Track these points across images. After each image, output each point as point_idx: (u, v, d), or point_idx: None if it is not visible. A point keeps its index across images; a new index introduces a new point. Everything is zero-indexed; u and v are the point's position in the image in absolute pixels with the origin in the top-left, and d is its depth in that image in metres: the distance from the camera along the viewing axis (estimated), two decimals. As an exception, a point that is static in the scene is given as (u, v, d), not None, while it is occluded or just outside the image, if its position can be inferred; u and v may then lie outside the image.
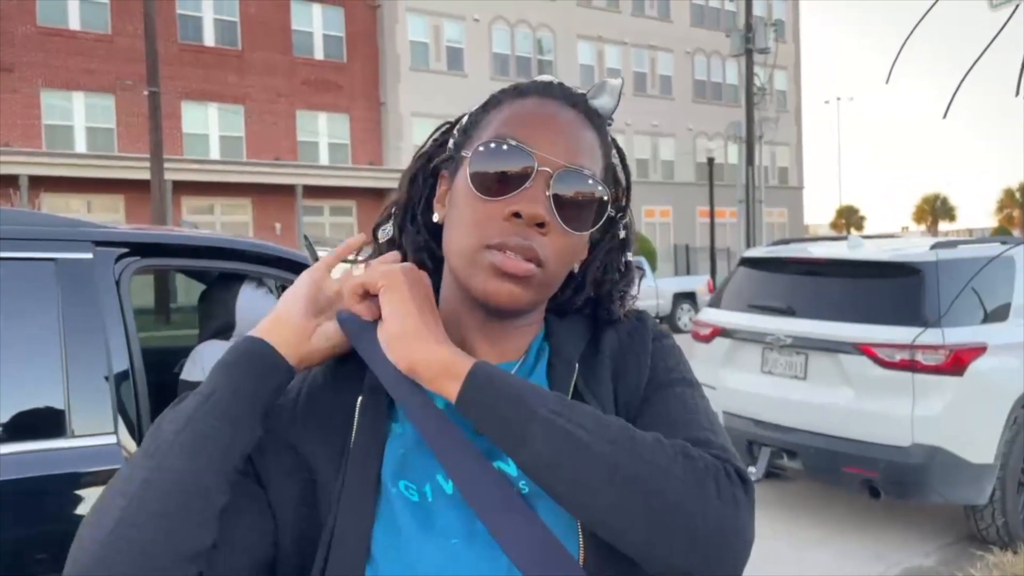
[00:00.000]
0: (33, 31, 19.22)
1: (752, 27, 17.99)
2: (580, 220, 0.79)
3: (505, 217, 0.76)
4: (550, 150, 0.78)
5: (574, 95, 0.85)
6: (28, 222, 2.27)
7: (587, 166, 0.80)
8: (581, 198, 0.79)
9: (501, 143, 0.78)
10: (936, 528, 4.81)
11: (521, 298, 0.78)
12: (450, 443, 0.74)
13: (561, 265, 0.80)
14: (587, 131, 0.83)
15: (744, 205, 17.67)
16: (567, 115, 0.82)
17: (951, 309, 4.22)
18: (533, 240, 0.76)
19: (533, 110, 0.81)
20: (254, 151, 21.83)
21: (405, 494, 0.75)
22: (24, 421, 2.09)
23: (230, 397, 0.72)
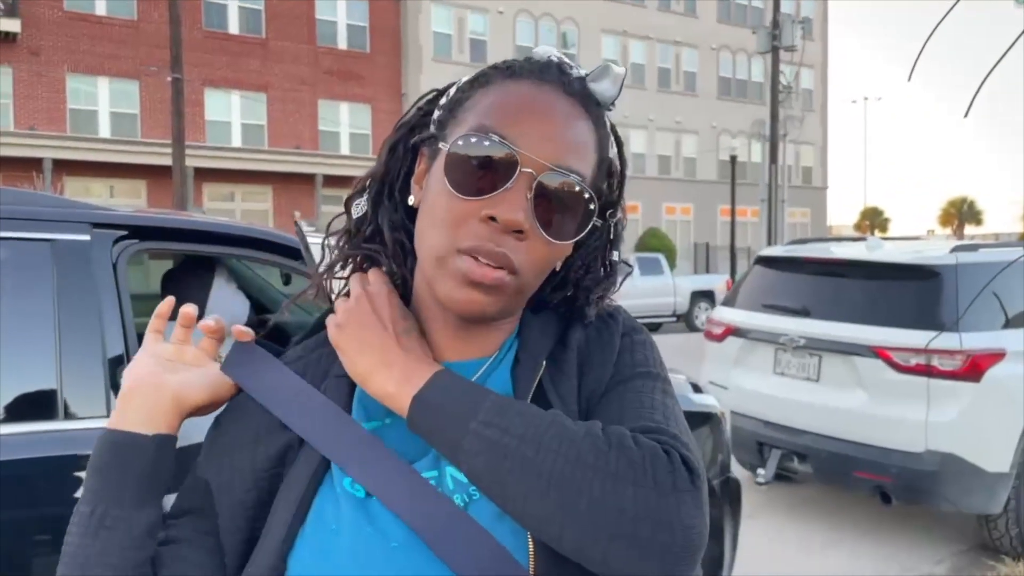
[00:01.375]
0: (60, 16, 19.41)
1: (779, 24, 17.82)
2: (563, 228, 0.73)
3: (481, 219, 0.70)
4: (537, 148, 0.71)
5: (572, 80, 0.76)
6: (25, 202, 2.26)
7: (577, 167, 0.73)
8: (566, 204, 0.72)
9: (483, 138, 0.71)
10: (948, 535, 4.73)
11: (489, 308, 0.72)
12: (360, 452, 0.72)
13: (537, 273, 0.75)
14: (582, 122, 0.75)
15: (766, 204, 17.53)
16: (562, 105, 0.74)
17: (969, 313, 4.13)
18: (506, 247, 0.70)
19: (524, 98, 0.74)
20: (275, 139, 21.93)
21: (350, 491, 0.72)
22: (17, 402, 2.08)
23: (106, 504, 0.73)
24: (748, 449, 4.85)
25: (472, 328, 0.78)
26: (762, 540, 4.33)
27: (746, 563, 3.47)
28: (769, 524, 4.78)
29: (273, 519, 0.73)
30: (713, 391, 4.16)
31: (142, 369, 0.79)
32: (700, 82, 30.59)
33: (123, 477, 0.74)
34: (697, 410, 3.17)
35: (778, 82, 18.23)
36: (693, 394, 3.32)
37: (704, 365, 5.38)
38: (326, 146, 22.71)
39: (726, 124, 30.69)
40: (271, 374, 0.79)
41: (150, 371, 0.78)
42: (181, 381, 0.79)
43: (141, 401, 0.76)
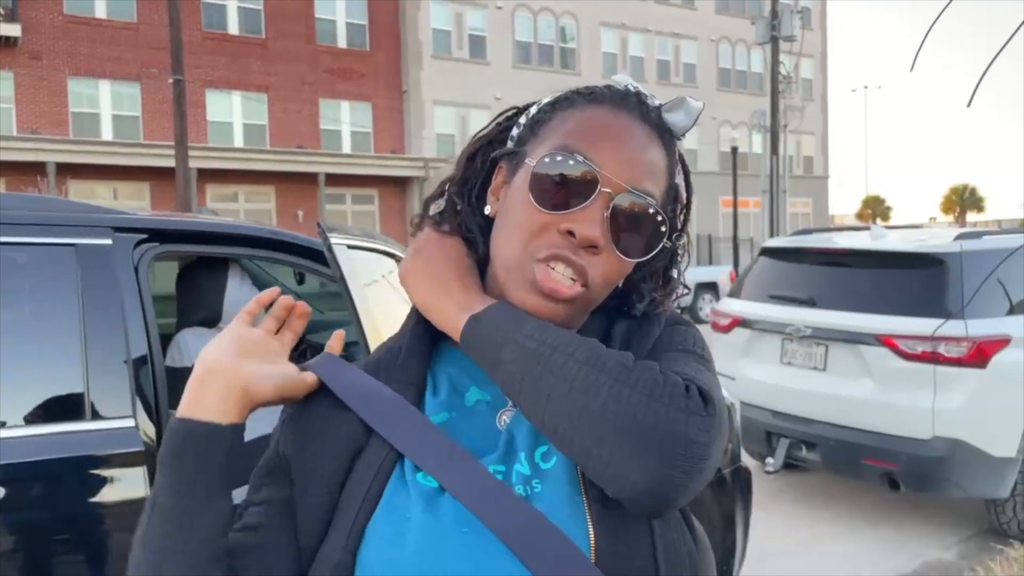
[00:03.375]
0: (60, 20, 19.43)
1: (778, 14, 17.80)
2: (634, 246, 0.78)
3: (560, 232, 0.75)
4: (616, 170, 0.75)
5: (649, 109, 0.81)
6: (49, 208, 2.31)
7: (651, 189, 0.77)
8: (639, 224, 0.77)
9: (568, 157, 0.75)
10: (956, 521, 4.76)
11: (558, 316, 0.76)
12: (432, 447, 0.75)
13: (606, 288, 0.79)
14: (656, 149, 0.80)
15: (768, 195, 17.53)
16: (639, 132, 0.79)
17: (974, 300, 4.17)
18: (584, 260, 0.75)
19: (605, 122, 0.79)
20: (277, 139, 21.96)
21: (423, 483, 0.74)
22: (44, 404, 2.13)
23: (186, 496, 0.74)
24: (757, 439, 4.89)
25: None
26: (772, 528, 4.37)
27: (756, 551, 3.51)
28: (779, 512, 4.83)
29: (345, 504, 0.75)
30: (721, 382, 4.19)
31: (220, 353, 0.79)
32: (700, 74, 30.54)
33: (201, 468, 0.74)
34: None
35: (778, 72, 18.22)
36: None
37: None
38: (328, 145, 22.73)
39: (726, 115, 30.65)
40: (347, 374, 0.81)
41: (228, 356, 0.78)
42: (256, 372, 0.79)
43: (216, 388, 0.77)
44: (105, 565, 2.16)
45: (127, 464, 2.13)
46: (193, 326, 2.81)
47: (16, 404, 2.07)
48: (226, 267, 2.85)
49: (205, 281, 2.85)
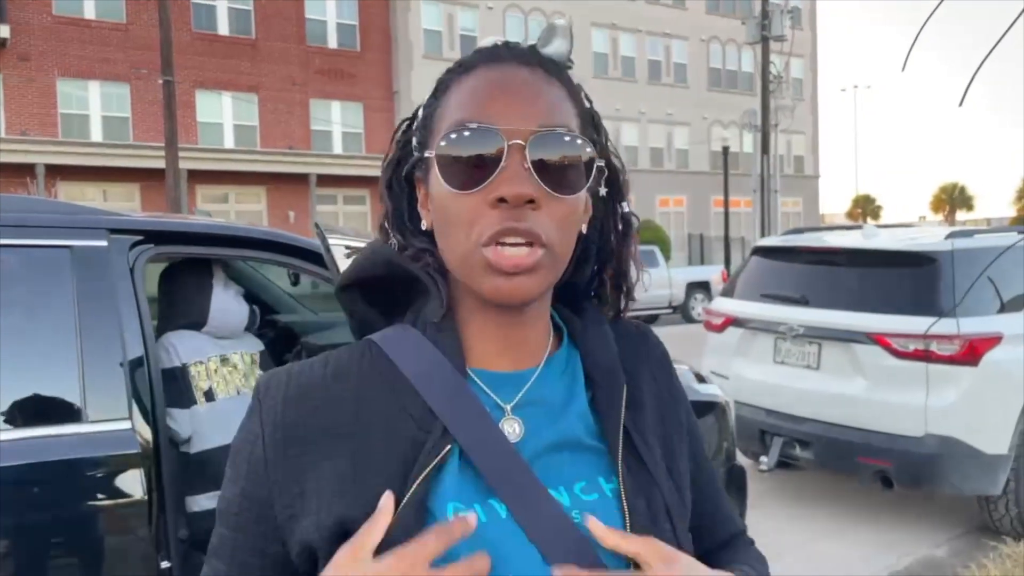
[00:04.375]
0: (49, 20, 19.33)
1: (768, 14, 17.86)
2: (571, 182, 0.72)
3: (491, 206, 0.69)
4: (515, 119, 0.70)
5: (524, 51, 0.77)
6: (44, 210, 2.30)
7: (561, 122, 0.72)
8: (566, 159, 0.71)
9: (461, 129, 0.71)
10: (949, 518, 4.79)
11: (534, 288, 0.72)
12: (505, 466, 0.72)
13: (567, 236, 0.73)
14: (549, 84, 0.75)
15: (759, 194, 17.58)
16: (522, 75, 0.74)
17: (966, 299, 4.19)
18: (529, 220, 0.69)
19: (485, 82, 0.74)
20: (268, 140, 21.90)
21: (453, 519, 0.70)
22: (40, 407, 2.12)
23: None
24: (751, 437, 4.91)
25: (512, 331, 0.78)
26: (766, 526, 4.38)
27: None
28: (773, 511, 4.84)
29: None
30: (715, 381, 4.21)
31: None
32: (691, 74, 30.61)
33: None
34: (702, 400, 3.23)
35: (768, 72, 18.28)
36: (697, 384, 3.38)
37: (704, 356, 5.43)
38: (319, 146, 22.68)
39: (717, 115, 30.73)
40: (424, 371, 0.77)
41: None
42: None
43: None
44: (101, 568, 2.15)
45: (123, 467, 2.12)
46: (177, 329, 2.73)
47: (12, 407, 2.06)
48: (210, 270, 2.79)
49: (189, 284, 2.76)
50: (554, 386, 0.79)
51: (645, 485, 0.77)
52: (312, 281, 3.90)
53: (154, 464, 2.17)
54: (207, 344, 2.70)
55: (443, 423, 0.72)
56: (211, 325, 2.73)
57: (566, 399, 0.79)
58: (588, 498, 0.74)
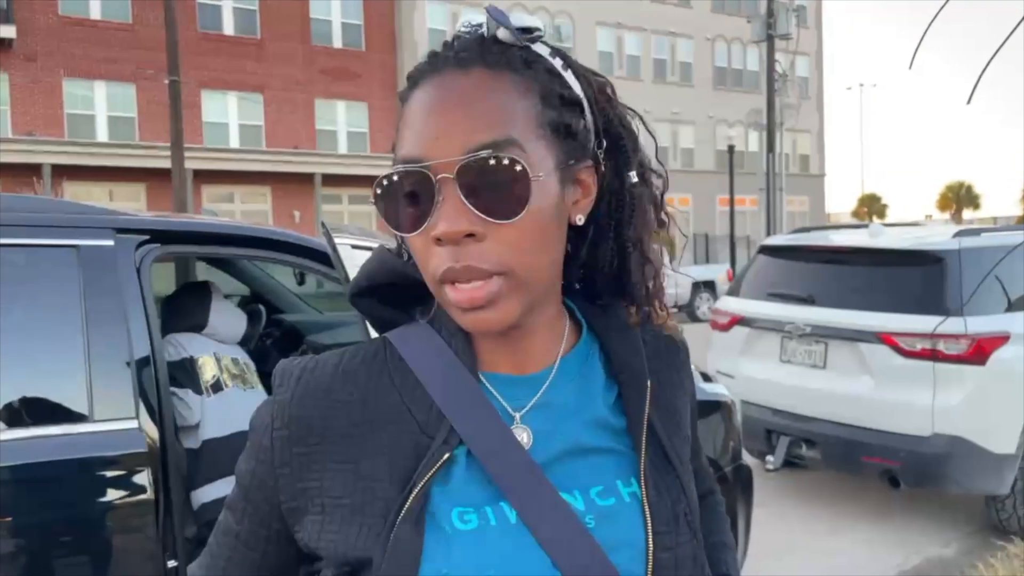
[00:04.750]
0: (55, 21, 19.38)
1: (774, 13, 17.81)
2: (511, 202, 0.66)
3: (436, 244, 0.66)
4: (443, 149, 0.66)
5: (463, 50, 0.71)
6: (51, 209, 2.30)
7: (492, 139, 0.65)
8: (500, 179, 0.65)
9: (390, 174, 0.68)
10: (957, 518, 4.77)
11: (506, 317, 0.68)
12: (515, 469, 0.70)
13: (530, 254, 0.68)
14: (490, 87, 0.68)
15: (764, 193, 17.55)
16: (457, 87, 0.68)
17: (974, 297, 4.18)
18: (471, 258, 0.66)
19: (421, 105, 0.69)
20: (273, 140, 21.93)
21: (458, 525, 0.69)
22: (47, 406, 2.12)
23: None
24: (757, 437, 4.89)
25: (515, 342, 0.75)
26: (773, 526, 4.37)
27: (757, 549, 3.52)
28: (779, 510, 4.83)
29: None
30: (721, 380, 4.20)
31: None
32: (696, 72, 30.57)
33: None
34: (709, 399, 3.22)
35: (774, 71, 18.23)
36: (704, 383, 3.37)
37: (710, 355, 5.42)
38: (324, 145, 22.71)
39: (723, 114, 30.68)
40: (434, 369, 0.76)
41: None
42: None
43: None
44: (108, 566, 2.15)
45: (130, 465, 2.13)
46: (180, 331, 2.96)
47: (19, 406, 2.07)
48: (208, 288, 3.08)
49: (190, 296, 3.05)
50: (568, 388, 0.76)
51: (671, 488, 0.76)
52: (317, 280, 3.90)
53: (160, 463, 2.17)
54: (209, 343, 2.91)
55: (449, 425, 0.70)
56: (211, 328, 2.94)
57: (581, 401, 0.76)
58: (604, 503, 0.73)
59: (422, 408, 0.72)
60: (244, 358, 3.02)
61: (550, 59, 0.73)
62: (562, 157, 0.71)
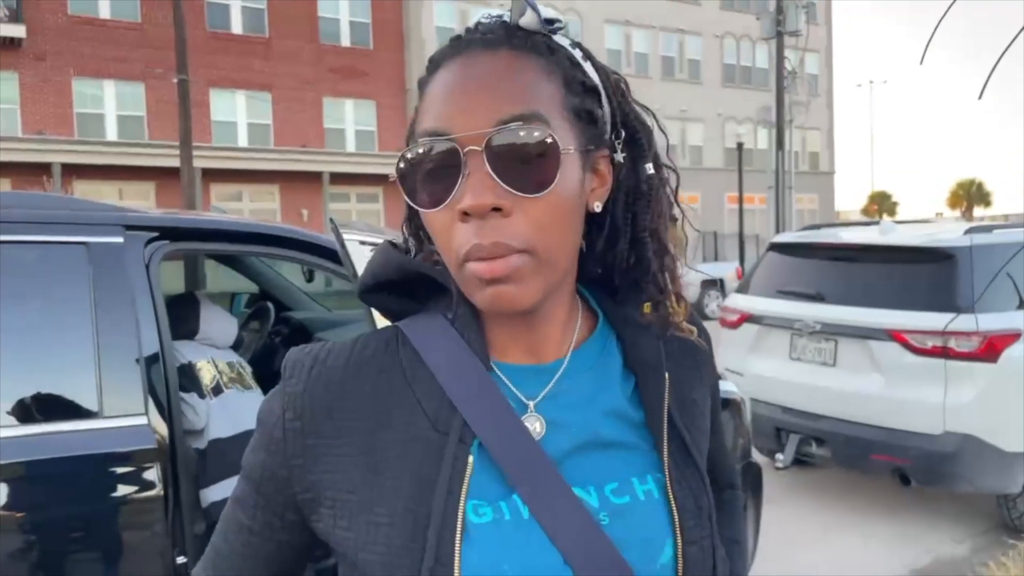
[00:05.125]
0: (64, 20, 19.47)
1: (783, 9, 17.76)
2: (540, 178, 0.66)
3: (461, 219, 0.66)
4: (471, 122, 0.65)
5: (490, 31, 0.71)
6: (61, 207, 2.31)
7: (522, 111, 0.66)
8: (530, 152, 0.65)
9: (414, 146, 0.68)
10: (968, 516, 4.75)
11: (525, 296, 0.67)
12: (528, 464, 0.69)
13: (554, 234, 0.68)
14: (515, 65, 0.68)
15: (774, 191, 17.49)
16: (484, 65, 0.68)
17: (985, 295, 4.15)
18: (497, 234, 0.65)
19: (445, 83, 0.69)
20: (281, 138, 21.98)
21: (472, 518, 0.68)
22: (57, 402, 2.13)
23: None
24: (766, 435, 4.88)
25: (528, 329, 0.74)
26: (783, 524, 4.36)
27: (767, 547, 3.51)
28: (789, 509, 4.81)
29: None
30: (730, 378, 4.19)
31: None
32: (704, 70, 30.49)
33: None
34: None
35: (783, 68, 18.17)
36: (713, 380, 3.35)
37: (720, 352, 5.40)
38: (332, 144, 22.74)
39: (731, 111, 30.59)
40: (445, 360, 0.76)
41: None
42: None
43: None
44: (118, 562, 2.16)
45: (139, 462, 2.13)
46: (175, 340, 2.99)
47: (29, 402, 2.08)
48: (195, 296, 3.17)
49: (181, 310, 3.03)
50: (582, 379, 0.75)
51: (694, 483, 0.75)
52: (326, 278, 3.91)
53: (170, 459, 2.18)
54: (204, 348, 2.95)
55: (462, 421, 0.70)
56: (203, 334, 2.99)
57: (595, 393, 0.75)
58: (619, 501, 0.72)
59: (433, 403, 0.71)
60: (238, 361, 3.04)
61: (571, 50, 0.74)
62: (583, 141, 0.71)
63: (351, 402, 0.72)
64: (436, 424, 0.70)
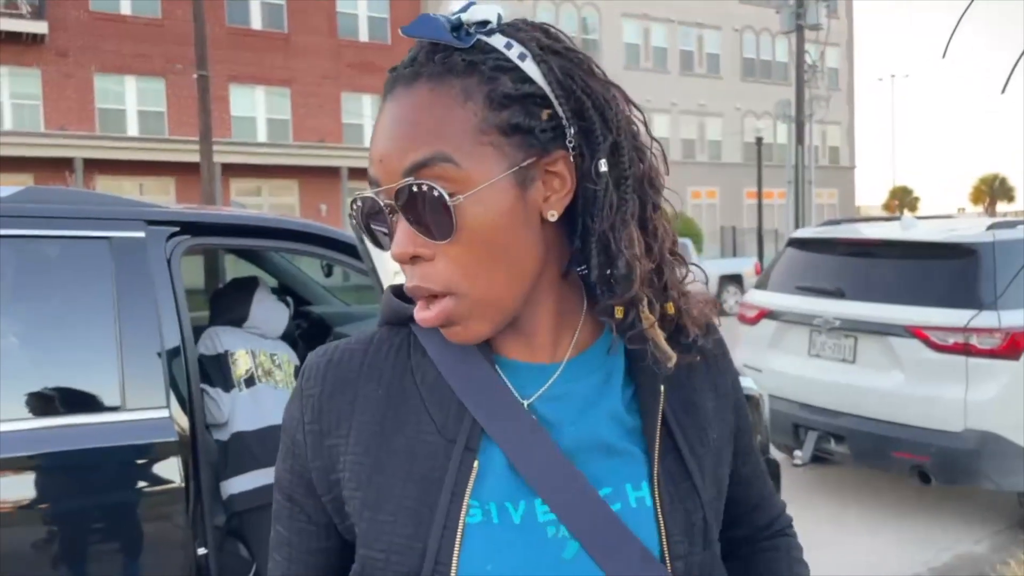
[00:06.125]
0: (86, 17, 19.65)
1: (803, 3, 17.61)
2: (443, 225, 0.65)
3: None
4: (386, 173, 0.67)
5: (409, 65, 0.70)
6: (83, 201, 2.34)
7: (423, 157, 0.65)
8: (428, 202, 0.65)
9: (354, 200, 0.71)
10: (987, 515, 4.70)
11: (472, 333, 0.69)
12: (545, 466, 0.69)
13: (479, 273, 0.67)
14: (428, 102, 0.67)
15: (793, 186, 17.38)
16: (400, 105, 0.68)
17: (1007, 291, 4.10)
18: (418, 279, 0.68)
19: (377, 125, 0.70)
20: (300, 133, 22.09)
21: (470, 520, 0.69)
22: (80, 395, 2.16)
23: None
24: (784, 431, 4.85)
25: (514, 327, 0.73)
26: (800, 521, 4.32)
27: (786, 543, 3.49)
28: (807, 505, 4.79)
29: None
30: (748, 374, 4.17)
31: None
32: (723, 64, 30.29)
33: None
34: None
35: (803, 62, 18.04)
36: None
37: (738, 348, 5.37)
38: (350, 139, 22.83)
39: (751, 106, 30.39)
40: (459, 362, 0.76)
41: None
42: None
43: None
44: (140, 554, 2.19)
45: (161, 454, 2.16)
46: (223, 324, 2.98)
47: (53, 395, 2.11)
48: (256, 282, 3.10)
49: (236, 292, 3.07)
50: (583, 382, 0.74)
51: (686, 497, 0.74)
52: (344, 272, 3.93)
53: (191, 452, 2.20)
54: (248, 337, 2.92)
55: (468, 428, 0.70)
56: (251, 322, 2.95)
57: (595, 397, 0.74)
58: (611, 508, 0.71)
59: (440, 409, 0.72)
60: (286, 354, 3.02)
61: (505, 51, 0.69)
62: (517, 157, 0.67)
63: (363, 404, 0.73)
64: (443, 431, 0.71)
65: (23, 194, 2.26)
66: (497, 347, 0.74)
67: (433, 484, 0.69)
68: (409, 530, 0.68)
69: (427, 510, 0.68)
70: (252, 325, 2.96)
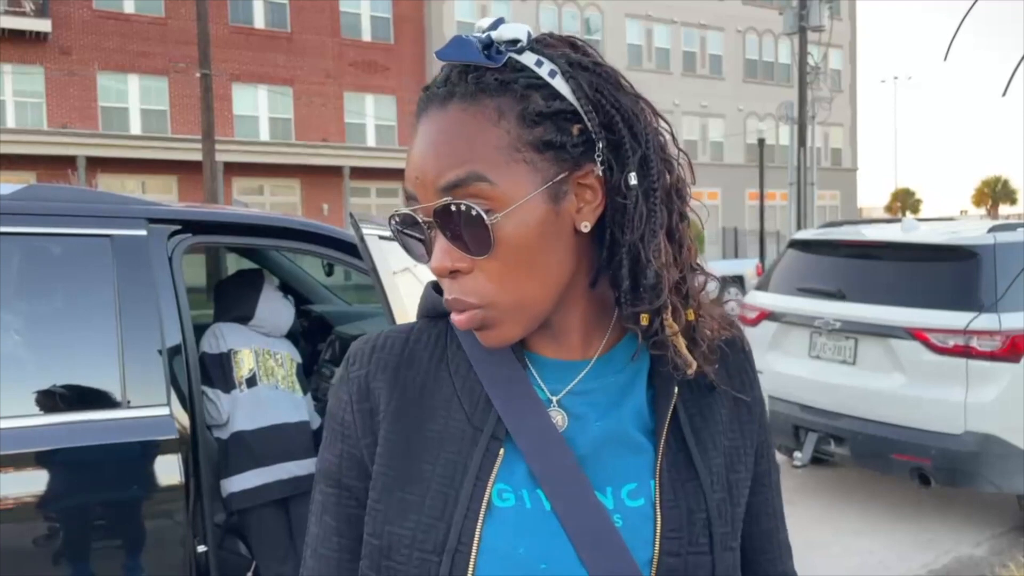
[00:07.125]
0: (89, 15, 19.69)
1: (806, 4, 17.60)
2: (480, 242, 0.68)
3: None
4: (425, 190, 0.70)
5: (441, 86, 0.72)
6: (85, 199, 2.34)
7: (458, 177, 0.67)
8: (465, 220, 0.68)
9: (394, 215, 0.75)
10: (987, 517, 4.70)
11: (504, 336, 0.72)
12: (553, 461, 0.72)
13: (515, 285, 0.70)
14: (462, 122, 0.69)
15: (795, 187, 17.37)
16: (435, 125, 0.70)
17: (1008, 293, 4.10)
18: (459, 290, 0.71)
19: (413, 144, 0.72)
20: (302, 133, 22.11)
21: (496, 502, 0.72)
22: (82, 392, 2.17)
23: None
24: (785, 433, 4.85)
25: (548, 329, 0.76)
26: (800, 523, 4.34)
27: (786, 545, 3.49)
28: (806, 507, 4.79)
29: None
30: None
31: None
32: (726, 65, 30.28)
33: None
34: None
35: (806, 63, 18.02)
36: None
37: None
38: (352, 138, 22.85)
39: (753, 107, 30.38)
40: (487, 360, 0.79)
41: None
42: None
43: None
44: (140, 551, 2.20)
45: (161, 451, 2.17)
46: (228, 321, 2.95)
47: (54, 392, 2.11)
48: (262, 278, 3.07)
49: (242, 285, 3.04)
50: (610, 380, 0.77)
51: (690, 495, 0.74)
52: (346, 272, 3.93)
53: (191, 449, 2.21)
54: (253, 336, 2.91)
55: (496, 417, 0.73)
56: (257, 319, 2.93)
57: (621, 395, 0.76)
58: (633, 504, 0.73)
59: (470, 399, 0.75)
60: (288, 352, 3.01)
61: (536, 68, 0.70)
62: (550, 172, 0.69)
63: (402, 390, 0.77)
64: (472, 419, 0.74)
65: (26, 192, 2.26)
66: (529, 344, 0.77)
67: (459, 468, 0.72)
68: (436, 511, 0.71)
69: (453, 492, 0.72)
70: (258, 323, 2.93)
